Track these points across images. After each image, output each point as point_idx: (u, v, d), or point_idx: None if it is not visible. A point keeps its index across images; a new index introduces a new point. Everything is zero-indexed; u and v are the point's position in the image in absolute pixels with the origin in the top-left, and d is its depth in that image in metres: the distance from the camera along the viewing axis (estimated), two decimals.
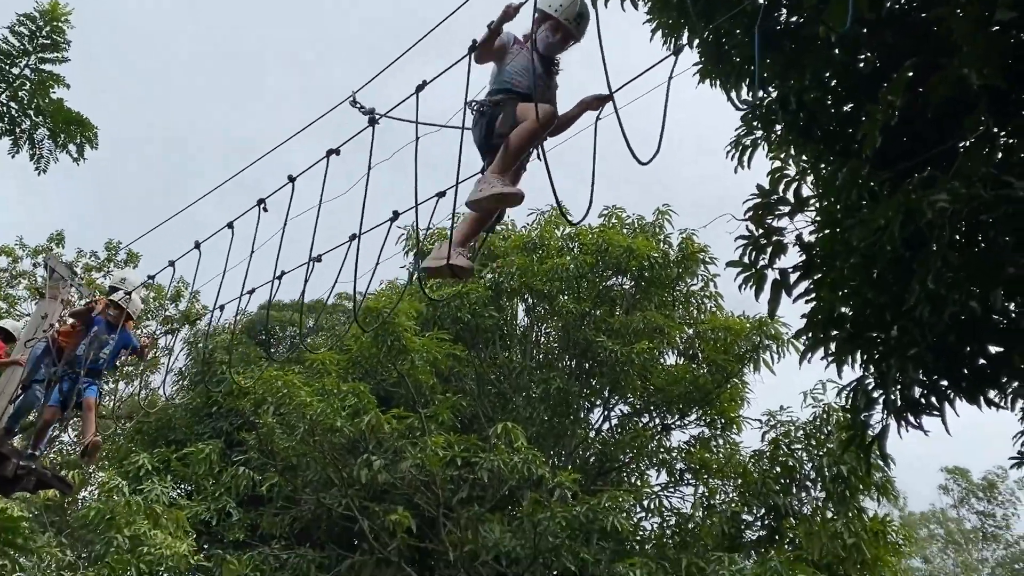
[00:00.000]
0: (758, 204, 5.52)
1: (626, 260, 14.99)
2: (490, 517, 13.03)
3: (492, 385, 16.59)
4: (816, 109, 6.11)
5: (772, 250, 5.55)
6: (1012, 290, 4.63)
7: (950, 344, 4.97)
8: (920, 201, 4.15)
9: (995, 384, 5.37)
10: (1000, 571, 40.57)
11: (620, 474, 16.75)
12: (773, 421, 14.82)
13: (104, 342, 8.02)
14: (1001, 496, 40.51)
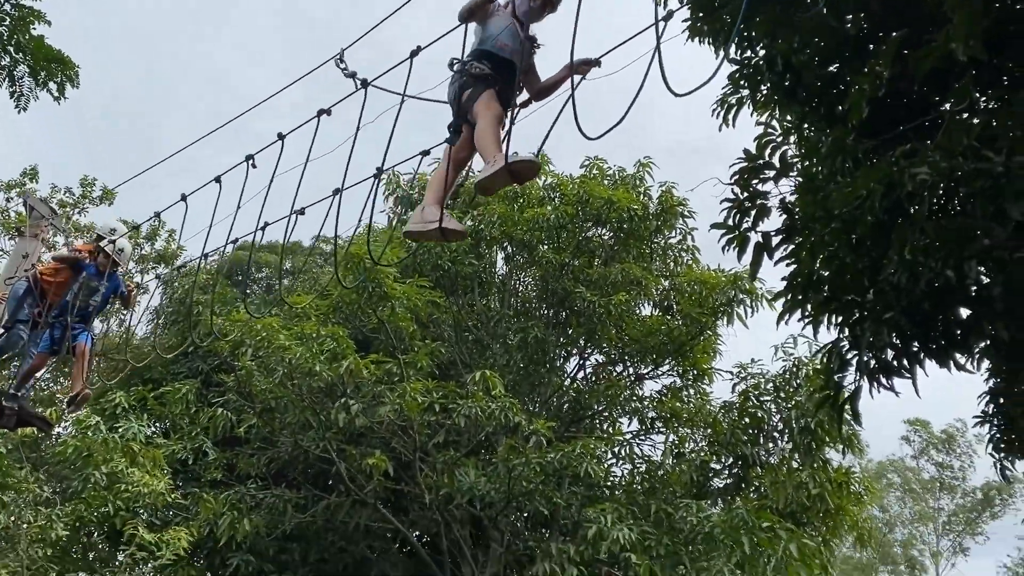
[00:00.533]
0: (744, 168, 5.61)
1: (606, 212, 15.08)
2: (466, 461, 13.27)
3: (470, 332, 16.74)
4: (802, 70, 6.18)
5: (756, 213, 5.66)
6: (985, 260, 4.77)
7: (924, 310, 5.13)
8: (902, 173, 4.26)
9: (964, 348, 5.56)
10: (954, 519, 41.98)
11: (593, 422, 17.07)
12: (744, 373, 15.15)
13: (94, 289, 8.03)
14: (959, 448, 41.74)
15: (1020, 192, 4.30)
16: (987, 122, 4.61)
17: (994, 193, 4.48)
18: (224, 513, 12.84)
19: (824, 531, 14.74)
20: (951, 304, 5.24)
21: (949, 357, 5.51)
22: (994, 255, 4.80)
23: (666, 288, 16.29)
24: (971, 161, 4.49)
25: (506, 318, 16.26)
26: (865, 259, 5.46)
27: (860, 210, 4.86)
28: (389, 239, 12.89)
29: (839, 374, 5.86)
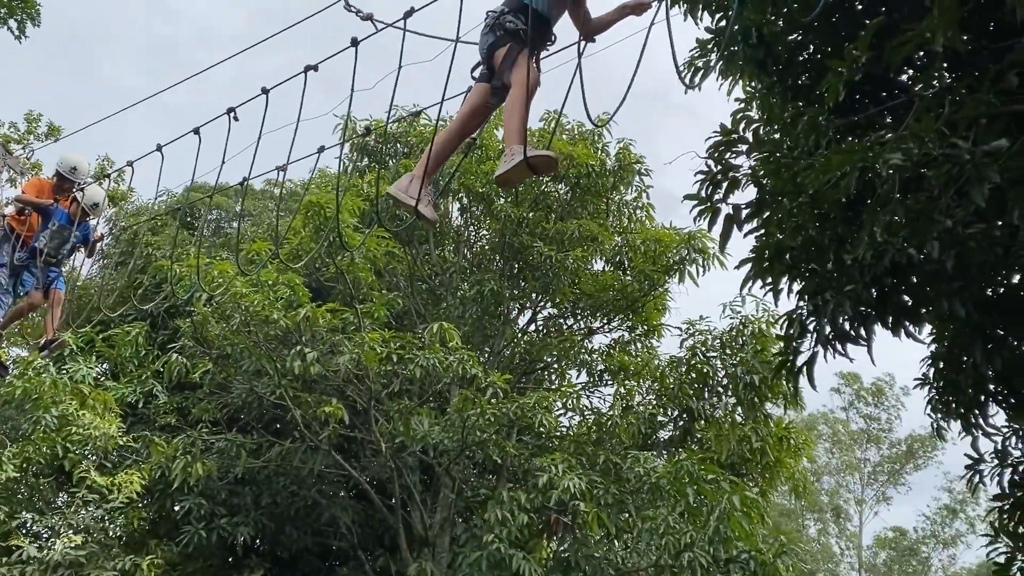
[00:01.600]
0: (718, 142, 5.78)
1: (565, 167, 15.17)
2: (420, 411, 13.46)
3: (424, 282, 16.82)
4: (774, 43, 6.34)
5: (727, 186, 5.85)
6: (945, 240, 5.04)
7: (884, 284, 5.41)
8: (876, 158, 4.47)
9: (915, 318, 5.88)
10: (879, 470, 43.84)
11: (543, 373, 17.39)
12: (692, 330, 15.53)
13: (65, 237, 7.90)
14: (887, 402, 43.45)
15: (983, 178, 4.54)
16: (956, 108, 4.83)
17: (959, 177, 4.73)
18: (176, 457, 12.85)
19: (762, 482, 15.39)
20: (908, 278, 5.54)
21: (901, 326, 5.82)
22: (952, 234, 5.07)
23: (620, 244, 16.52)
24: (939, 146, 4.72)
25: (461, 270, 16.37)
26: (830, 233, 5.71)
27: (830, 187, 5.08)
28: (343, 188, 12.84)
29: (797, 341, 6.16)
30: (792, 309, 6.12)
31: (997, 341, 5.40)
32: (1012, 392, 5.93)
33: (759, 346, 14.41)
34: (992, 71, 4.86)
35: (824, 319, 5.83)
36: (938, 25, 4.16)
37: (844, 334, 5.85)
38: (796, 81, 6.51)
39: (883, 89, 5.50)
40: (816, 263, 5.97)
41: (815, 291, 6.00)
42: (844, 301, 5.58)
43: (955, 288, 5.13)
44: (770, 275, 6.15)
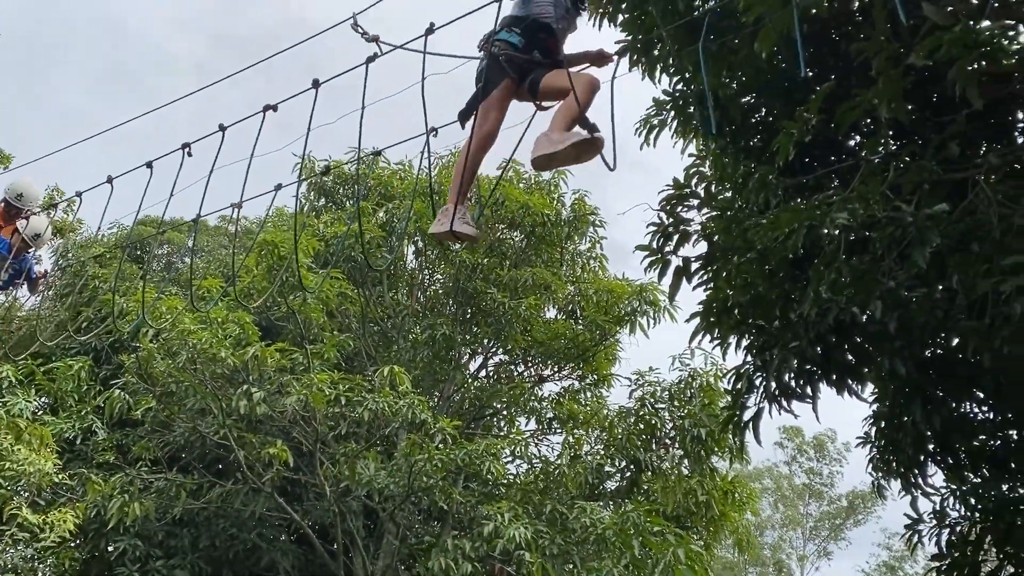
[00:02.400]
0: (671, 196, 5.92)
1: (521, 215, 15.31)
2: (367, 454, 13.30)
3: (376, 324, 16.73)
4: (729, 106, 6.53)
5: (678, 239, 5.97)
6: (888, 301, 5.18)
7: (829, 342, 5.53)
8: (823, 218, 4.61)
9: (858, 377, 6.02)
10: (821, 525, 44.20)
11: (492, 420, 17.32)
12: (642, 381, 15.63)
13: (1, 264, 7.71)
14: (829, 456, 43.99)
15: (925, 241, 4.70)
16: (900, 173, 5.01)
17: (902, 240, 4.89)
18: (113, 496, 12.48)
19: (707, 535, 15.42)
20: (852, 337, 5.67)
21: (844, 384, 5.95)
22: (895, 295, 5.22)
23: (572, 294, 16.64)
24: (884, 209, 4.88)
25: (414, 313, 16.33)
26: (777, 290, 5.84)
27: (778, 245, 5.21)
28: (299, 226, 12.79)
29: (744, 396, 6.25)
30: (739, 364, 6.21)
31: (936, 402, 5.53)
32: (950, 453, 6.07)
33: (707, 399, 14.55)
34: (935, 140, 5.06)
35: (770, 375, 5.93)
36: (883, 94, 4.33)
37: (789, 391, 5.96)
38: (748, 142, 6.70)
39: (832, 151, 5.68)
40: (763, 319, 6.09)
41: (762, 347, 6.11)
42: (789, 357, 5.69)
43: (897, 348, 5.26)
44: (718, 329, 6.26)
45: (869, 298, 5.05)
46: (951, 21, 3.94)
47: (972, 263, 5.02)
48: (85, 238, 18.57)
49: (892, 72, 4.31)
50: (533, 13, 4.64)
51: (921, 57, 4.06)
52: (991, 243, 4.97)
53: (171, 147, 5.71)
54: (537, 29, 4.60)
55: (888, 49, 4.27)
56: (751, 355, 6.22)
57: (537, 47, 4.60)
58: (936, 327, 5.55)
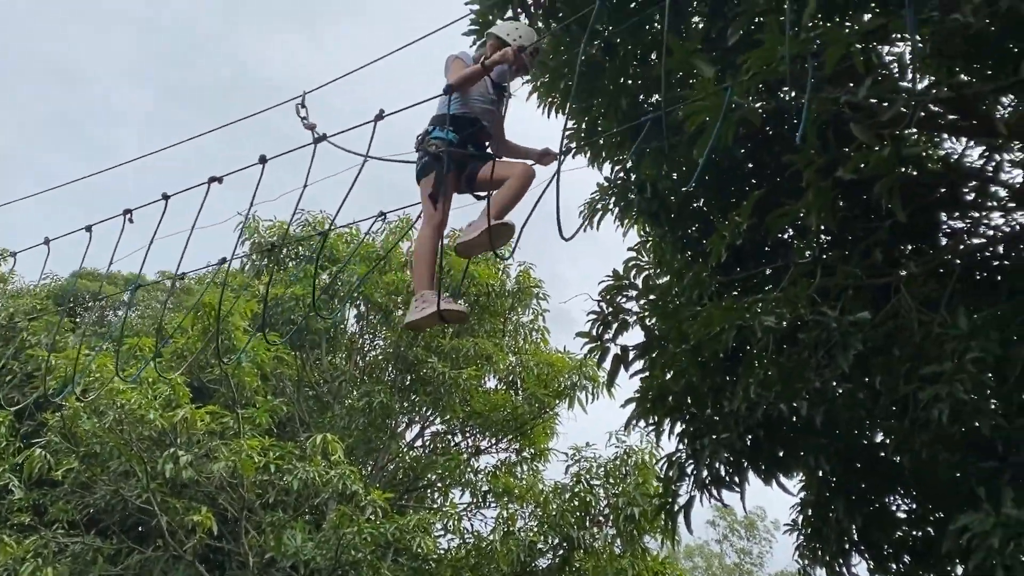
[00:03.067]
0: (610, 286, 6.06)
1: (466, 286, 15.38)
2: (294, 524, 12.99)
3: (312, 388, 16.50)
4: (668, 196, 6.75)
5: (617, 327, 6.10)
6: (815, 398, 5.34)
7: (758, 436, 5.66)
8: (752, 319, 4.77)
9: (785, 470, 6.15)
10: None
11: (426, 491, 17.08)
12: (578, 456, 15.62)
13: None
14: (759, 535, 44.11)
15: (848, 346, 4.88)
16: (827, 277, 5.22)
17: (827, 342, 5.07)
18: (26, 559, 11.94)
19: None
20: (780, 431, 5.81)
21: (772, 476, 6.08)
22: (821, 393, 5.38)
23: (514, 365, 16.66)
24: (810, 312, 5.07)
25: (352, 378, 16.16)
26: (710, 382, 5.97)
27: (710, 340, 5.36)
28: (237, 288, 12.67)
29: (676, 484, 6.33)
30: (672, 452, 6.31)
31: (859, 498, 5.67)
32: (873, 545, 6.19)
33: (641, 478, 14.57)
34: (860, 246, 5.30)
35: (702, 464, 6.03)
36: (812, 205, 4.54)
37: (720, 480, 6.06)
38: (686, 231, 6.91)
39: (763, 252, 5.89)
40: (696, 407, 6.22)
41: (694, 435, 6.22)
42: (720, 448, 5.81)
43: (822, 445, 5.41)
44: (653, 415, 6.37)
45: (796, 395, 5.21)
46: (877, 142, 4.17)
47: (894, 365, 5.23)
48: (17, 288, 18.11)
49: (822, 184, 4.52)
50: (462, 112, 4.82)
51: (849, 172, 4.28)
52: (912, 347, 5.18)
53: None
54: (466, 124, 4.79)
55: (817, 162, 4.49)
56: (684, 442, 6.33)
57: (470, 141, 4.79)
58: (860, 424, 5.74)
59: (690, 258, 6.26)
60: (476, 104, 4.89)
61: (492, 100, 4.99)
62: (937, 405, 4.57)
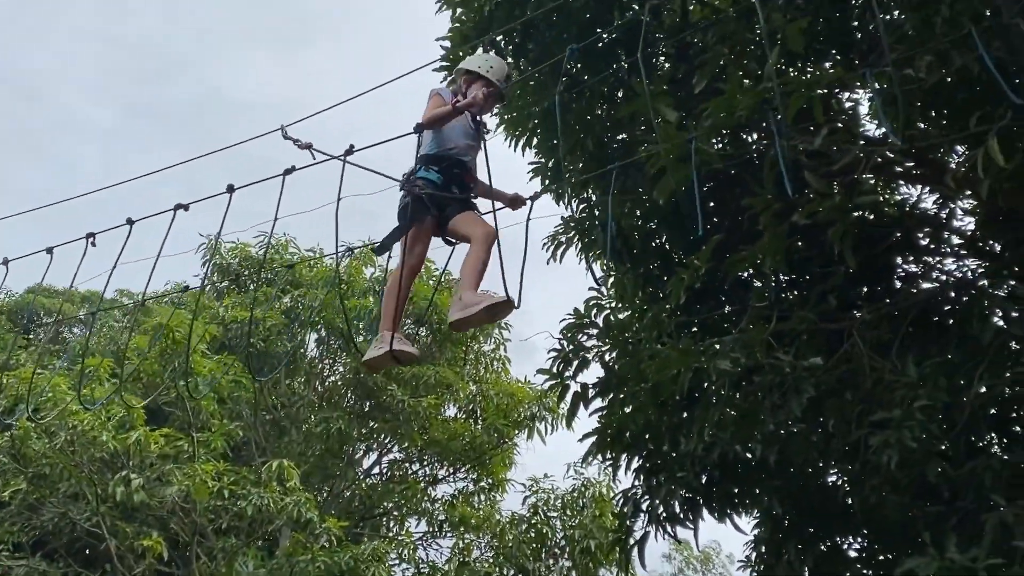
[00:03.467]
0: (571, 324, 6.13)
1: (428, 314, 15.37)
2: (247, 551, 12.81)
3: (269, 412, 16.32)
4: (630, 234, 6.86)
5: (577, 365, 6.16)
6: (769, 438, 5.43)
7: (713, 476, 5.73)
8: (708, 363, 4.85)
9: (739, 509, 6.23)
10: None
11: (382, 519, 16.93)
12: (536, 487, 15.62)
13: None
14: (715, 569, 44.21)
15: (800, 391, 4.98)
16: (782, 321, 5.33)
17: (781, 385, 5.17)
18: None
19: None
20: (734, 471, 5.89)
21: (726, 515, 6.15)
22: (775, 434, 5.47)
23: (474, 393, 16.63)
24: (765, 356, 5.17)
25: (310, 403, 16.02)
26: (668, 420, 6.04)
27: (668, 381, 5.43)
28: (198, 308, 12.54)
29: (631, 519, 6.38)
30: (628, 488, 6.36)
31: (811, 540, 5.75)
32: None
33: (598, 510, 14.60)
34: (815, 292, 5.42)
35: (657, 501, 6.09)
36: (768, 250, 4.65)
37: (674, 516, 6.12)
38: (647, 268, 7.02)
39: (721, 294, 6.00)
40: (653, 445, 6.28)
41: (651, 471, 6.28)
42: (675, 486, 5.87)
43: (775, 485, 5.49)
44: (611, 451, 6.42)
45: (750, 437, 5.29)
46: (829, 190, 4.30)
47: (846, 409, 5.34)
48: None
49: (777, 229, 4.64)
50: (447, 150, 4.82)
51: (803, 217, 4.40)
52: (863, 392, 5.30)
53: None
54: (453, 165, 4.79)
55: (774, 207, 4.61)
56: (640, 479, 6.38)
57: (455, 182, 4.78)
58: (814, 466, 5.84)
59: (651, 295, 6.35)
60: (460, 141, 4.87)
61: (473, 135, 4.98)
62: (886, 451, 4.67)
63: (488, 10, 6.15)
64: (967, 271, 6.68)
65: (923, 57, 4.29)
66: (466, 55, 6.67)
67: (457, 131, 4.91)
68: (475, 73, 4.99)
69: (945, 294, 6.24)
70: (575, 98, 6.61)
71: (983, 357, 5.24)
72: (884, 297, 6.12)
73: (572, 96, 6.62)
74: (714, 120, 4.28)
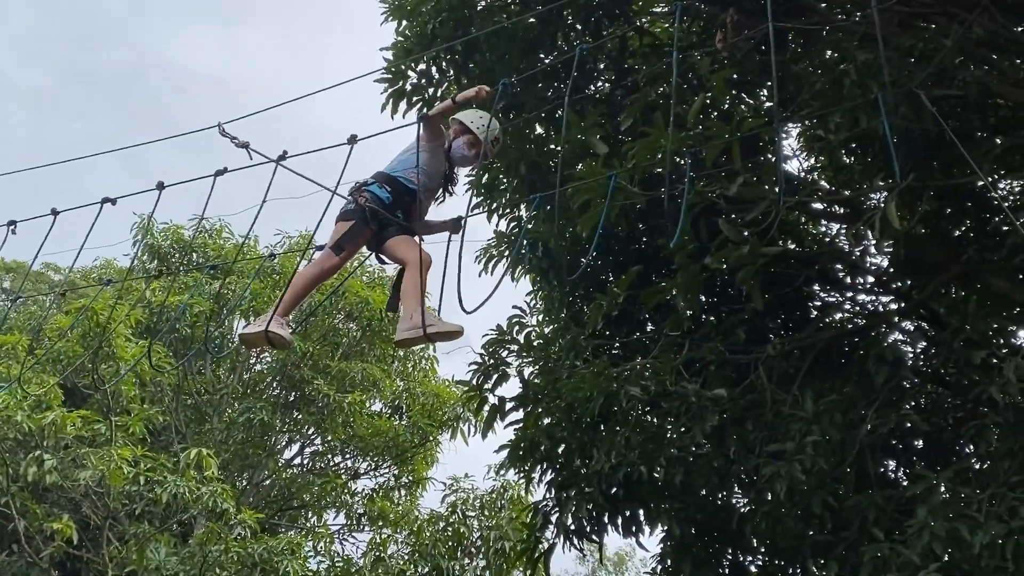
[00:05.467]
0: (493, 339, 6.33)
1: (360, 309, 15.43)
2: (159, 538, 12.71)
3: (191, 398, 16.16)
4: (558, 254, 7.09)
5: (496, 378, 6.37)
6: (673, 463, 5.70)
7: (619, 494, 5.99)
8: (619, 389, 5.10)
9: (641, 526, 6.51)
10: None
11: (300, 511, 16.90)
12: (456, 487, 15.76)
13: None
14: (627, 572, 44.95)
15: (704, 419, 5.26)
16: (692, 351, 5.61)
17: (686, 412, 5.44)
18: None
19: None
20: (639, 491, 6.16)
21: (630, 532, 6.42)
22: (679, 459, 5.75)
23: (400, 390, 16.70)
24: (674, 382, 5.43)
25: (234, 391, 15.92)
26: (580, 438, 6.28)
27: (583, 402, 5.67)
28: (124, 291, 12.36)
29: (540, 531, 6.61)
30: (538, 500, 6.59)
31: (709, 560, 6.04)
32: None
33: (515, 512, 14.80)
34: (725, 324, 5.71)
35: (566, 514, 6.33)
36: (681, 287, 4.91)
37: (581, 530, 6.37)
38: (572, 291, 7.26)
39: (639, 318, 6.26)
40: (564, 460, 6.52)
41: (561, 485, 6.51)
42: (583, 502, 6.11)
43: (677, 508, 5.77)
44: (525, 463, 6.65)
45: (655, 459, 5.56)
46: (741, 238, 4.56)
47: (748, 437, 5.64)
48: None
49: (691, 268, 4.90)
50: (402, 175, 4.86)
51: (715, 263, 4.66)
52: (765, 423, 5.61)
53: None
54: (404, 191, 4.82)
55: (688, 248, 4.87)
56: (551, 491, 6.62)
57: (400, 207, 4.79)
58: (714, 490, 6.13)
59: (575, 315, 6.58)
60: (423, 178, 4.90)
61: (437, 184, 5.02)
62: (777, 481, 4.97)
63: (432, 28, 6.29)
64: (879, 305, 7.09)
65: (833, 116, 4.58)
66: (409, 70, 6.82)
67: (429, 169, 4.93)
68: (466, 127, 5.01)
69: (850, 332, 6.61)
70: (512, 117, 6.80)
71: (876, 396, 5.60)
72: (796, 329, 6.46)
73: (510, 116, 6.80)
74: (639, 160, 4.51)
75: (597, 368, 5.37)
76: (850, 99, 4.42)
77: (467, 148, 4.95)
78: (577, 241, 7.05)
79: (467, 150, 4.95)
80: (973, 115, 5.62)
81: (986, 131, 5.70)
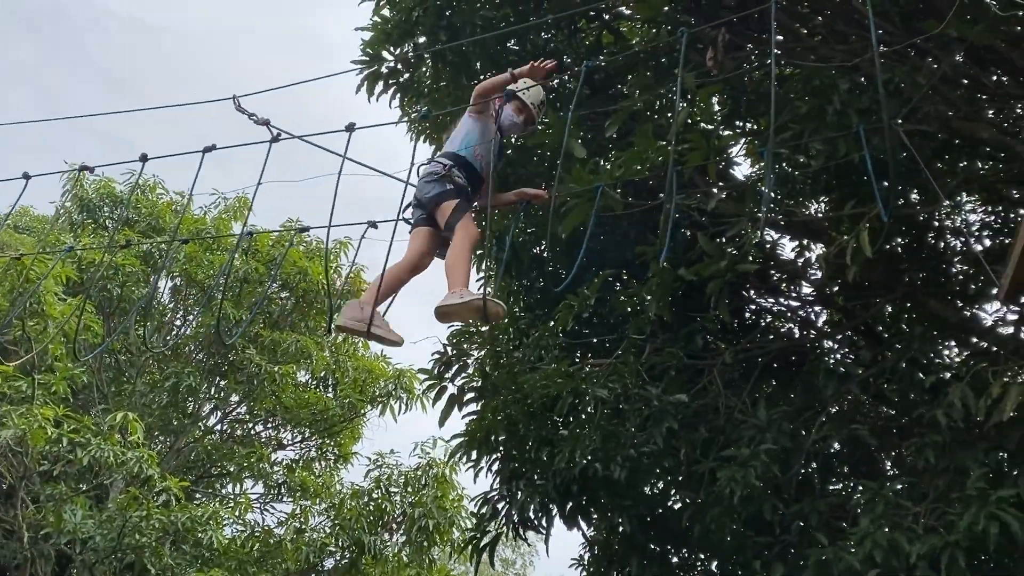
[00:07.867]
0: (456, 331, 6.40)
1: (296, 280, 15.24)
2: (76, 500, 12.40)
3: (114, 357, 15.74)
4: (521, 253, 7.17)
5: (457, 369, 6.43)
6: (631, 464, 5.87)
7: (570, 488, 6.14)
8: (587, 390, 5.24)
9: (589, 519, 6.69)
10: None
11: (219, 478, 16.67)
12: (381, 462, 15.76)
13: None
14: None
15: (662, 421, 5.44)
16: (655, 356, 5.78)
17: (646, 415, 5.61)
18: None
19: None
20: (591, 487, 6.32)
21: (576, 524, 6.59)
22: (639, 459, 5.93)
23: (331, 363, 16.54)
24: (636, 385, 5.60)
25: (161, 354, 15.55)
26: (536, 431, 6.41)
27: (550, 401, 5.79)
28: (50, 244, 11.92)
29: (487, 521, 6.73)
30: (488, 491, 6.71)
31: (653, 557, 6.25)
32: None
33: (440, 491, 14.92)
34: (684, 332, 5.90)
35: (514, 505, 6.46)
36: (655, 295, 5.06)
37: (528, 522, 6.51)
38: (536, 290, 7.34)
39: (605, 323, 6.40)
40: (517, 451, 6.64)
41: (511, 476, 6.64)
42: (534, 494, 6.24)
43: (626, 505, 5.95)
44: (476, 452, 6.74)
45: (611, 459, 5.72)
46: (719, 253, 4.73)
47: (698, 441, 5.85)
48: None
49: (665, 277, 5.05)
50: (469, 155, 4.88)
51: (690, 275, 4.82)
52: (716, 427, 5.82)
53: None
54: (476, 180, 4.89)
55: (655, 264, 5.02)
56: (500, 481, 6.73)
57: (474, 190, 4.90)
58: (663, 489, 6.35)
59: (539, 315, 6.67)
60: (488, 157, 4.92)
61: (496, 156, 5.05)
62: (731, 484, 5.18)
63: (416, 15, 6.26)
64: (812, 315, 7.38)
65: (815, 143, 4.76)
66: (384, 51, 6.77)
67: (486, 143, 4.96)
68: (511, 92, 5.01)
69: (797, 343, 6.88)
70: None
71: (823, 407, 5.88)
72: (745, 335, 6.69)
73: None
74: (626, 170, 4.62)
75: (563, 366, 5.49)
76: (832, 129, 4.61)
77: (516, 115, 5.02)
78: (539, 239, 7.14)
79: (516, 116, 5.02)
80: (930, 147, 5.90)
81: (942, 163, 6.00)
